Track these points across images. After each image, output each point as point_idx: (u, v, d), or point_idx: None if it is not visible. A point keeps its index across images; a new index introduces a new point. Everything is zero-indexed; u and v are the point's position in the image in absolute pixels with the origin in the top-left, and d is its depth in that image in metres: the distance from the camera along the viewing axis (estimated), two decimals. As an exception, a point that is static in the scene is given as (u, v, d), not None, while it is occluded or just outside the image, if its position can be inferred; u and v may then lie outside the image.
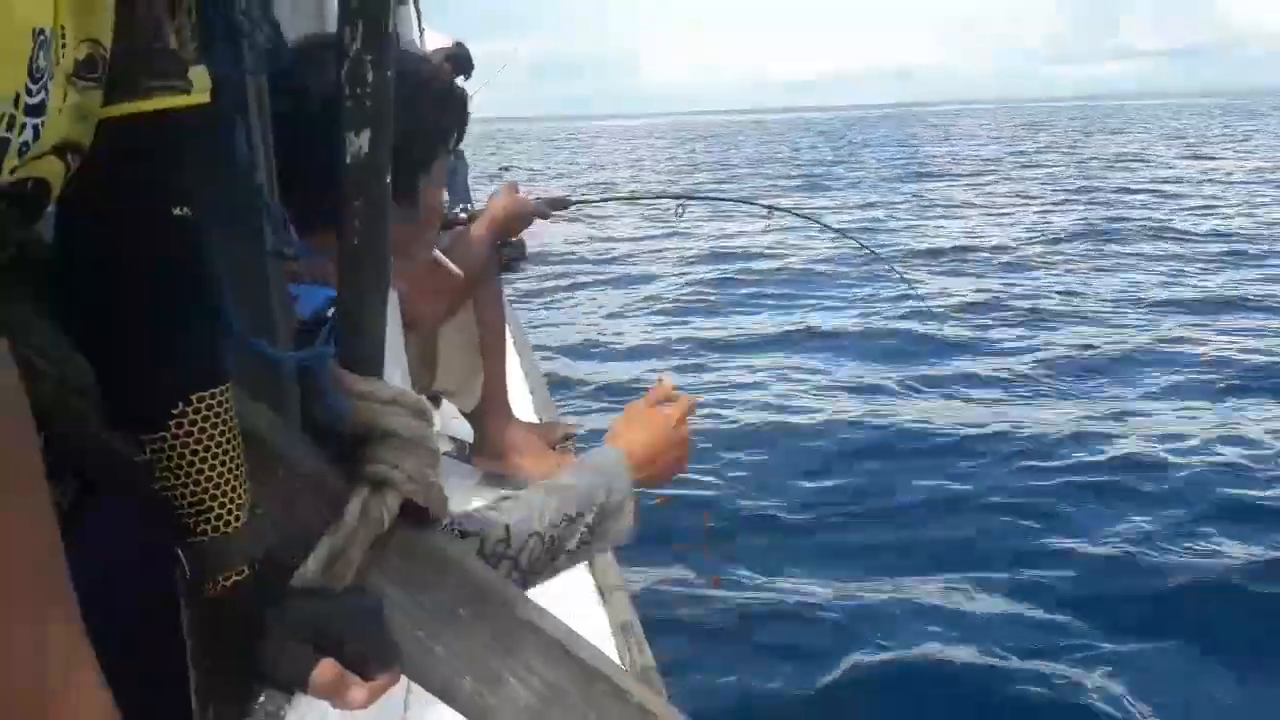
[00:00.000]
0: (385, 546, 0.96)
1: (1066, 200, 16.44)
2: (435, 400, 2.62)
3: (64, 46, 0.71)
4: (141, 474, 0.85)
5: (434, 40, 6.65)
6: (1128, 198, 16.44)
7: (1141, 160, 25.13)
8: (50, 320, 0.83)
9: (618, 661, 1.70)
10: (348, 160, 0.90)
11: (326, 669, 0.84)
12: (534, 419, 2.89)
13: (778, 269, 10.19)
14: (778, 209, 3.65)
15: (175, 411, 0.83)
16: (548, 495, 1.23)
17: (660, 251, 11.98)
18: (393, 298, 1.58)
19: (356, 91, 0.88)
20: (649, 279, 10.18)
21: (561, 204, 3.04)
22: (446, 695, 0.99)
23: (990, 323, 7.45)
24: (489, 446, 2.59)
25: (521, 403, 2.99)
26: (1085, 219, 13.68)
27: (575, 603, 1.98)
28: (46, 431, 0.91)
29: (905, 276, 4.60)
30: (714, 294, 9.17)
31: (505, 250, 2.88)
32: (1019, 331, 7.21)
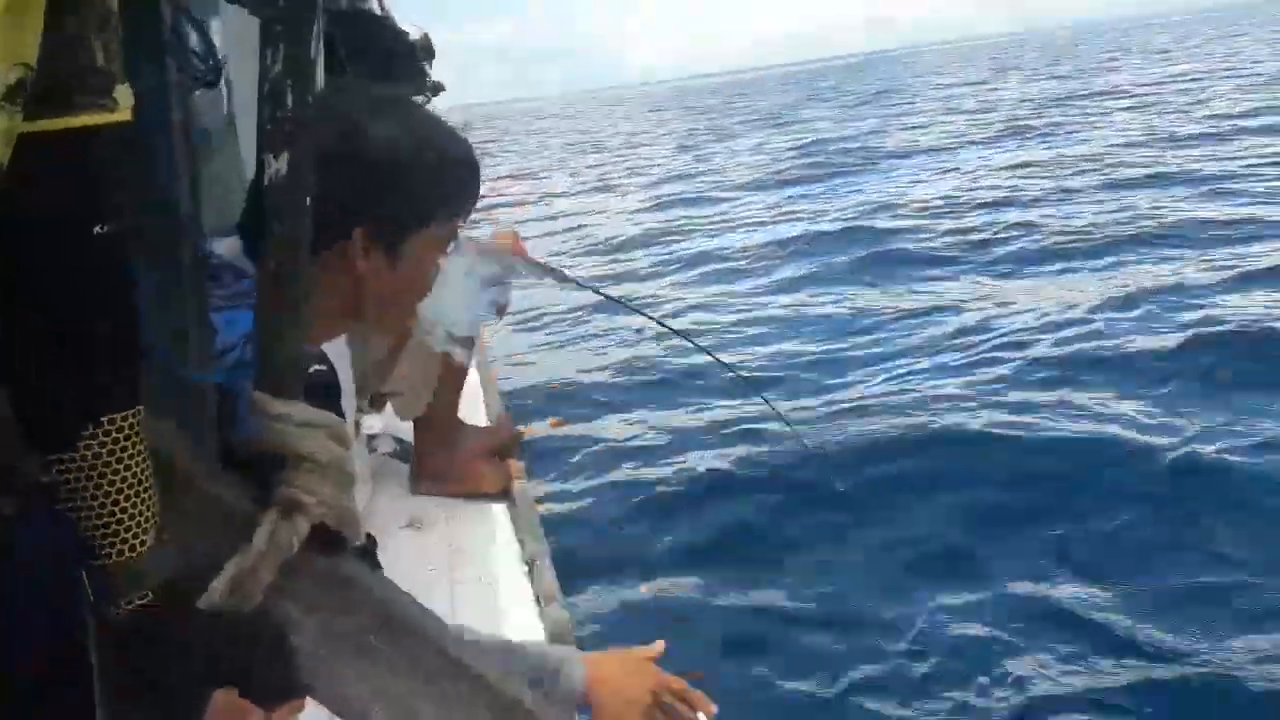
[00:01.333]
0: (295, 571, 0.95)
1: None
2: (380, 401, 2.61)
3: None
4: (48, 495, 0.84)
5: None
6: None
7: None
8: None
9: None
10: (266, 182, 0.89)
11: (222, 700, 0.84)
12: (486, 423, 2.88)
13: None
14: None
15: (85, 433, 0.82)
16: None
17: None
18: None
19: (276, 115, 0.87)
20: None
21: (558, 276, 2.98)
22: None
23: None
24: (429, 465, 2.59)
25: (474, 406, 2.97)
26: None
27: (511, 609, 1.98)
28: None
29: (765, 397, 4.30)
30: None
31: None
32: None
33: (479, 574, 2.15)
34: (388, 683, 0.99)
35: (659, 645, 1.39)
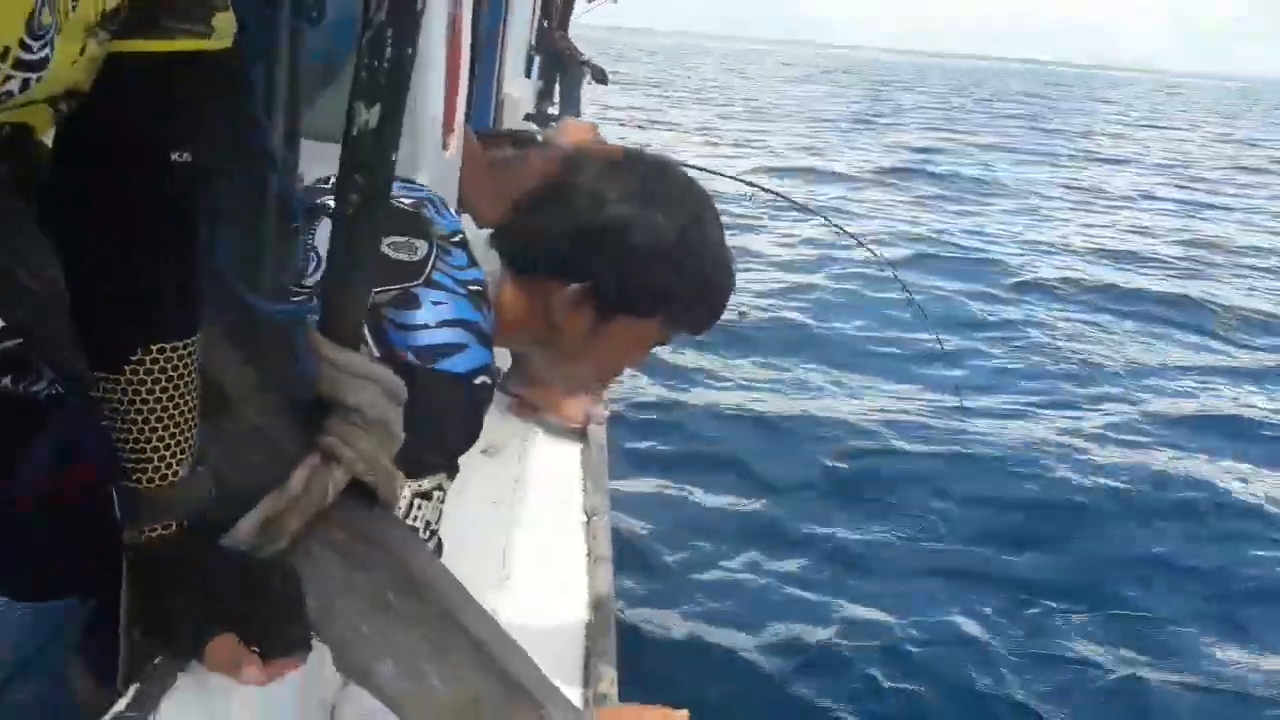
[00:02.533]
0: (327, 519, 0.94)
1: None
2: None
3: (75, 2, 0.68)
4: (93, 408, 0.85)
5: None
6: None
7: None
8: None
9: (581, 638, 1.70)
10: (354, 132, 0.87)
11: (220, 645, 0.83)
12: None
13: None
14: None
15: (133, 358, 0.82)
16: None
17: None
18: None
19: (374, 64, 0.84)
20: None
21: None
22: (363, 678, 0.99)
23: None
24: (524, 377, 2.57)
25: None
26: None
27: (559, 561, 1.97)
28: (29, 338, 0.92)
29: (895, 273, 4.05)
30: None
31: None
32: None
33: (536, 517, 2.15)
34: (399, 641, 0.98)
35: (683, 714, 1.39)
